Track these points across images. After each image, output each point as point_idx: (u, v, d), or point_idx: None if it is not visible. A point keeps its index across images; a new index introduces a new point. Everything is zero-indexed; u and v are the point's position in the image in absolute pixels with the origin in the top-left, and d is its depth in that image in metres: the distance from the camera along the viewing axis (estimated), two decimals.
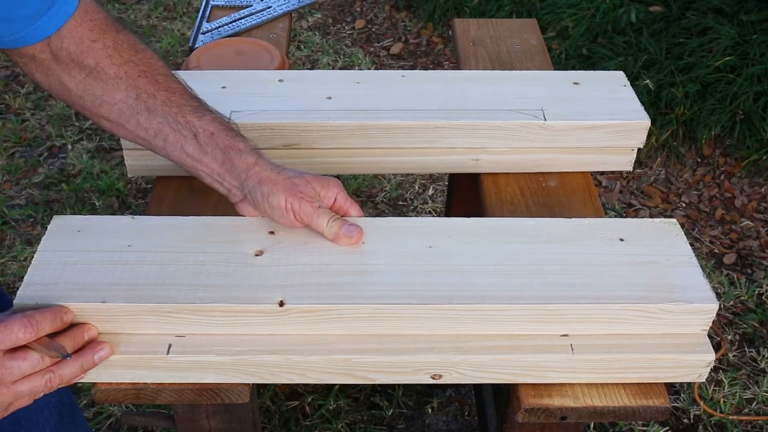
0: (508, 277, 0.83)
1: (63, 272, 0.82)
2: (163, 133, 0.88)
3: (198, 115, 0.88)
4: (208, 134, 0.87)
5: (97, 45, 0.87)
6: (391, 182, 2.35)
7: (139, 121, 0.89)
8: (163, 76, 0.90)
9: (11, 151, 2.44)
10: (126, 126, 0.90)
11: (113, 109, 0.89)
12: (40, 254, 0.84)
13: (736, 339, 1.90)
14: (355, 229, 0.86)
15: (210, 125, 0.88)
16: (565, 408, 0.82)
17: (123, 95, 0.88)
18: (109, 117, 0.90)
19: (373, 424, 1.69)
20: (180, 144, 0.88)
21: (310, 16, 3.20)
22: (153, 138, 0.89)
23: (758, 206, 2.28)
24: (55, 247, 0.85)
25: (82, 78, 0.87)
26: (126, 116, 0.89)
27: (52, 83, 0.89)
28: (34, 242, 2.11)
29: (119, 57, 0.88)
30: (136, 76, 0.88)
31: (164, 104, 0.88)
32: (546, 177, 1.11)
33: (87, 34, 0.86)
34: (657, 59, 2.45)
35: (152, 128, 0.88)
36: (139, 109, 0.88)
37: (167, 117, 0.88)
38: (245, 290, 0.81)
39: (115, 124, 0.90)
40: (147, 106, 0.88)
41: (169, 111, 0.88)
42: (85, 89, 0.88)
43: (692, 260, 0.86)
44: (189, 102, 0.89)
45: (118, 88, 0.88)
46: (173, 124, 0.88)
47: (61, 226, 0.88)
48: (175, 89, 0.90)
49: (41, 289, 0.80)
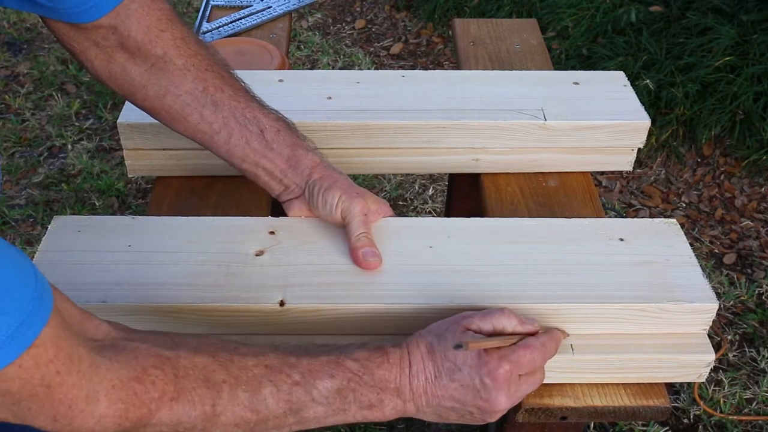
0: (508, 277, 0.83)
1: (63, 272, 0.82)
2: (229, 127, 0.88)
3: (264, 112, 0.90)
4: (275, 131, 0.89)
5: (166, 35, 0.86)
6: (391, 182, 2.35)
7: (203, 114, 0.88)
8: (228, 74, 0.90)
9: (11, 151, 2.44)
10: (188, 119, 0.89)
11: (177, 100, 0.88)
12: (40, 254, 0.84)
13: (736, 339, 1.90)
14: (376, 259, 0.84)
15: (276, 123, 0.90)
16: (565, 408, 0.82)
17: (190, 86, 0.87)
18: (172, 108, 0.89)
19: (374, 424, 1.69)
20: (246, 139, 0.89)
21: (310, 16, 3.20)
22: (216, 132, 0.89)
23: (758, 206, 2.28)
24: (56, 247, 0.85)
25: (147, 67, 0.87)
26: (190, 108, 0.88)
27: (114, 71, 0.87)
28: (34, 242, 2.11)
29: (187, 48, 0.87)
30: (204, 69, 0.88)
31: (231, 98, 0.88)
32: (546, 177, 1.11)
33: (155, 23, 0.85)
34: (657, 59, 2.45)
35: (217, 122, 0.88)
36: (205, 102, 0.88)
37: (234, 112, 0.88)
38: (245, 290, 0.81)
39: (176, 116, 0.89)
40: (214, 99, 0.88)
41: (237, 106, 0.88)
42: (150, 78, 0.87)
43: (692, 260, 0.86)
44: (254, 99, 0.91)
45: (186, 79, 0.87)
46: (240, 119, 0.88)
47: (62, 226, 0.88)
48: (239, 87, 0.91)
49: None
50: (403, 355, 0.72)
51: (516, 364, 0.72)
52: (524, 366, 0.73)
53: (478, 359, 0.71)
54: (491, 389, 0.71)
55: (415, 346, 0.73)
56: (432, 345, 0.73)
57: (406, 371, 0.72)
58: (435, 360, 0.72)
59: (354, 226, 0.86)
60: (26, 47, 2.98)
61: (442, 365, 0.72)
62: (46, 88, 2.72)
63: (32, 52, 2.94)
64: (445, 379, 0.72)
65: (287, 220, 0.91)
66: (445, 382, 0.72)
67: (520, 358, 0.72)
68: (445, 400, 0.72)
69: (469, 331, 0.73)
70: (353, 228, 0.86)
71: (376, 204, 0.90)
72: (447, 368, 0.72)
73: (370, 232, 0.87)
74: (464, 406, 0.72)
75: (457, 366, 0.72)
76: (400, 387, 0.72)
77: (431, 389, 0.72)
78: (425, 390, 0.72)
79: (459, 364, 0.71)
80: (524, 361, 0.72)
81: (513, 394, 0.73)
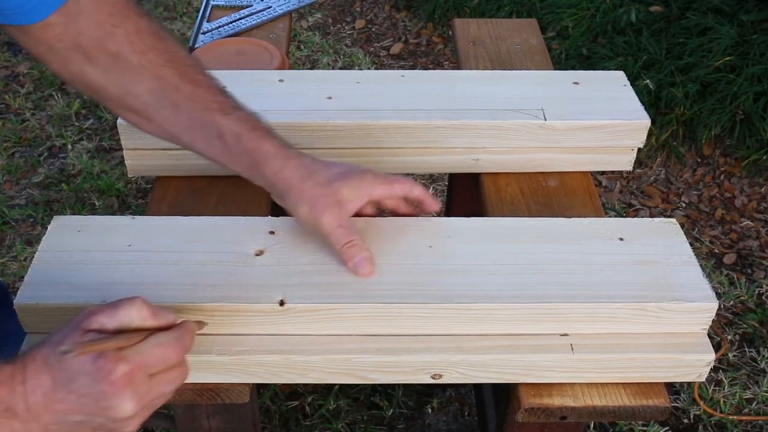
0: (508, 277, 0.83)
1: (63, 272, 0.82)
2: (190, 131, 0.84)
3: (224, 113, 0.83)
4: (234, 135, 0.82)
5: (119, 31, 0.81)
6: None
7: (164, 116, 0.84)
8: (188, 67, 0.85)
9: (11, 151, 2.44)
10: (152, 120, 0.85)
11: (138, 101, 0.84)
12: (40, 254, 0.84)
13: (736, 339, 1.90)
14: (367, 264, 0.82)
15: (236, 125, 0.83)
16: (565, 408, 0.82)
17: (148, 85, 0.83)
18: (134, 109, 0.85)
19: (373, 424, 1.69)
20: (207, 144, 0.84)
21: (310, 16, 3.20)
22: (180, 135, 0.85)
23: (758, 206, 2.28)
24: (56, 247, 0.85)
25: (104, 67, 0.82)
26: (152, 109, 0.84)
27: (74, 74, 0.83)
28: (34, 242, 2.10)
29: (141, 44, 0.82)
30: (160, 65, 0.83)
31: (189, 99, 0.83)
32: (546, 177, 1.11)
33: (107, 18, 0.81)
34: (657, 59, 2.45)
35: (179, 124, 0.84)
36: (165, 103, 0.83)
37: (193, 114, 0.83)
38: (246, 290, 0.81)
39: (141, 117, 0.86)
40: (172, 100, 0.83)
41: (195, 107, 0.83)
42: (108, 79, 0.83)
43: (692, 259, 0.86)
44: (215, 97, 0.84)
45: (143, 77, 0.82)
46: (198, 121, 0.83)
47: (62, 226, 0.88)
48: (201, 82, 0.85)
49: (42, 289, 0.80)
50: (15, 370, 0.64)
51: (139, 364, 0.64)
52: (153, 364, 0.65)
53: (93, 364, 0.63)
54: (110, 396, 0.63)
55: (31, 359, 0.65)
56: (48, 355, 0.64)
57: (19, 388, 0.63)
58: (51, 371, 0.64)
59: (333, 242, 0.82)
60: None
61: (58, 376, 0.64)
62: (46, 88, 2.72)
63: None
64: (63, 392, 0.63)
65: (287, 220, 0.90)
66: (62, 395, 0.63)
67: (145, 356, 0.65)
68: (69, 414, 0.64)
69: (90, 332, 0.65)
70: (333, 244, 0.82)
71: (354, 192, 0.83)
72: (63, 379, 0.64)
73: (352, 238, 0.82)
74: (91, 418, 0.64)
75: (73, 375, 0.63)
76: (11, 407, 0.63)
77: (51, 404, 0.64)
78: (46, 406, 0.64)
79: (74, 373, 0.63)
80: (152, 359, 0.65)
81: (144, 397, 0.65)
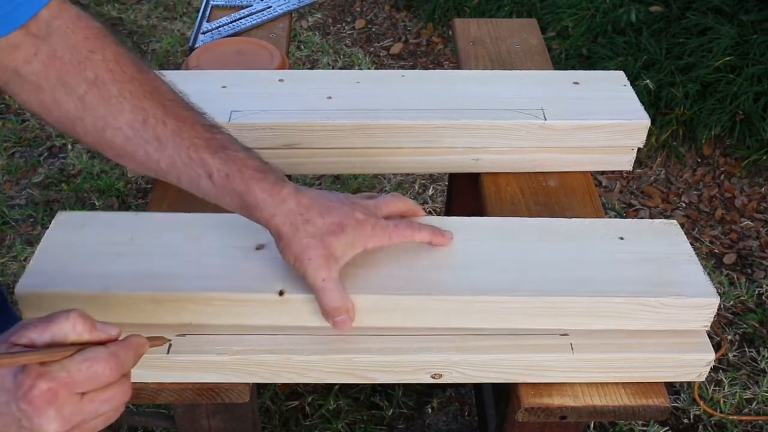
0: (509, 273, 0.83)
1: (65, 263, 0.82)
2: (177, 168, 0.78)
3: (211, 150, 0.77)
4: (224, 176, 0.77)
5: (96, 56, 0.76)
6: (391, 182, 2.35)
7: (148, 152, 0.77)
8: (171, 102, 0.79)
9: (11, 151, 2.44)
10: (135, 156, 0.78)
11: (118, 134, 0.77)
12: (43, 244, 0.85)
13: (736, 339, 1.90)
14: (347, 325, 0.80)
15: (225, 166, 0.77)
16: (565, 407, 0.82)
17: (128, 117, 0.76)
18: (114, 144, 0.78)
19: (373, 424, 1.69)
20: (195, 183, 0.78)
21: (310, 16, 3.20)
22: (167, 172, 0.79)
23: (758, 206, 2.28)
24: (59, 238, 0.86)
25: (81, 94, 0.75)
26: (133, 144, 0.77)
27: (46, 103, 0.76)
28: (34, 242, 2.11)
29: (121, 73, 0.76)
30: (142, 97, 0.77)
31: (174, 134, 0.77)
32: (546, 177, 1.11)
33: (83, 42, 0.75)
34: (657, 59, 2.45)
35: (164, 161, 0.78)
36: (148, 138, 0.77)
37: (179, 151, 0.77)
38: (246, 281, 0.82)
39: (122, 153, 0.79)
40: (156, 134, 0.77)
41: (181, 144, 0.77)
42: (85, 109, 0.76)
43: (692, 258, 0.86)
44: (201, 134, 0.78)
45: (123, 109, 0.76)
46: (186, 160, 0.77)
47: (66, 221, 0.89)
48: (186, 118, 0.78)
49: (43, 278, 0.80)
50: None
51: (64, 381, 0.58)
52: (80, 381, 0.59)
53: (13, 380, 0.58)
54: (31, 415, 0.57)
55: None
56: None
57: None
58: None
59: (317, 296, 0.79)
60: None
61: None
62: None
63: None
64: None
65: None
66: None
67: (72, 372, 0.58)
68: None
69: (18, 346, 0.60)
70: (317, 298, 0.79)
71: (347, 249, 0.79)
72: None
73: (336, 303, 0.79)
74: None
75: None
76: None
77: None
78: None
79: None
80: (80, 376, 0.59)
81: (72, 418, 0.59)
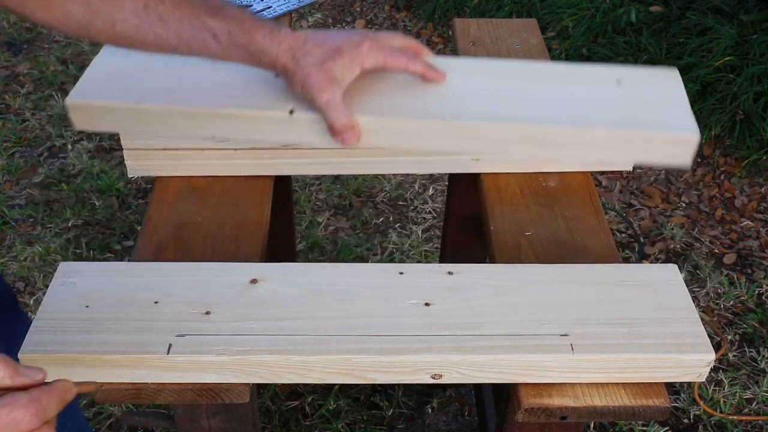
0: (503, 106, 0.89)
1: (114, 78, 0.94)
2: (184, 40, 0.85)
3: (210, 14, 0.84)
4: (226, 33, 0.84)
5: None
6: (391, 182, 2.35)
7: (156, 33, 0.84)
8: None
9: (11, 151, 2.44)
10: (146, 40, 0.85)
11: (126, 25, 0.84)
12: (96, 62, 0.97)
13: (736, 339, 1.90)
14: (353, 140, 0.88)
15: (225, 24, 0.84)
16: (565, 408, 0.82)
17: (130, 7, 0.83)
18: (126, 35, 0.85)
19: (373, 424, 1.69)
20: (205, 47, 0.85)
21: (310, 16, 3.20)
22: (176, 47, 0.86)
23: (758, 206, 2.28)
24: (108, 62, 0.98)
25: (85, 1, 0.82)
26: (142, 30, 0.84)
27: (59, 17, 0.83)
28: (34, 242, 2.11)
29: None
30: None
31: (174, 9, 0.84)
32: (546, 177, 1.11)
33: None
34: (657, 59, 2.45)
35: (172, 37, 0.84)
36: (152, 20, 0.84)
37: (182, 24, 0.84)
38: (261, 100, 0.90)
39: (135, 41, 0.86)
40: (158, 14, 0.83)
41: (182, 15, 0.84)
42: (93, 13, 0.83)
43: (684, 102, 0.91)
44: (196, 2, 0.85)
45: (123, 1, 0.83)
46: (189, 29, 0.84)
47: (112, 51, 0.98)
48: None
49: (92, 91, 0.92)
50: None
51: None
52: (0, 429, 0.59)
53: None
54: None
55: None
56: None
57: None
58: None
59: (324, 118, 0.87)
60: (26, 47, 2.98)
61: None
62: (46, 88, 2.72)
63: (32, 52, 2.94)
64: None
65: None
66: None
67: None
68: None
69: None
70: (325, 120, 0.87)
71: (345, 70, 0.86)
72: None
73: (342, 120, 0.87)
74: None
75: None
76: None
77: None
78: None
79: None
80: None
81: None
